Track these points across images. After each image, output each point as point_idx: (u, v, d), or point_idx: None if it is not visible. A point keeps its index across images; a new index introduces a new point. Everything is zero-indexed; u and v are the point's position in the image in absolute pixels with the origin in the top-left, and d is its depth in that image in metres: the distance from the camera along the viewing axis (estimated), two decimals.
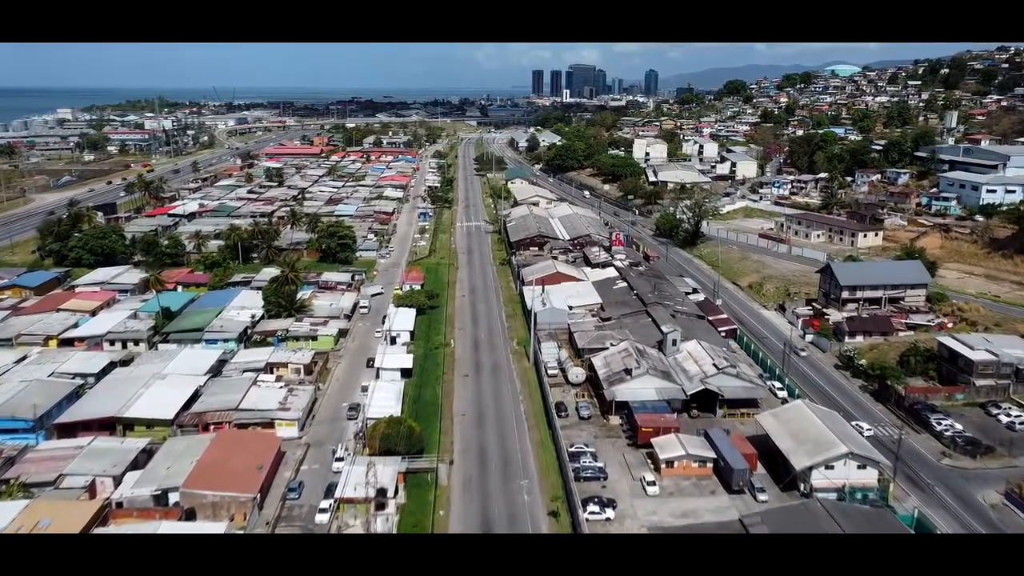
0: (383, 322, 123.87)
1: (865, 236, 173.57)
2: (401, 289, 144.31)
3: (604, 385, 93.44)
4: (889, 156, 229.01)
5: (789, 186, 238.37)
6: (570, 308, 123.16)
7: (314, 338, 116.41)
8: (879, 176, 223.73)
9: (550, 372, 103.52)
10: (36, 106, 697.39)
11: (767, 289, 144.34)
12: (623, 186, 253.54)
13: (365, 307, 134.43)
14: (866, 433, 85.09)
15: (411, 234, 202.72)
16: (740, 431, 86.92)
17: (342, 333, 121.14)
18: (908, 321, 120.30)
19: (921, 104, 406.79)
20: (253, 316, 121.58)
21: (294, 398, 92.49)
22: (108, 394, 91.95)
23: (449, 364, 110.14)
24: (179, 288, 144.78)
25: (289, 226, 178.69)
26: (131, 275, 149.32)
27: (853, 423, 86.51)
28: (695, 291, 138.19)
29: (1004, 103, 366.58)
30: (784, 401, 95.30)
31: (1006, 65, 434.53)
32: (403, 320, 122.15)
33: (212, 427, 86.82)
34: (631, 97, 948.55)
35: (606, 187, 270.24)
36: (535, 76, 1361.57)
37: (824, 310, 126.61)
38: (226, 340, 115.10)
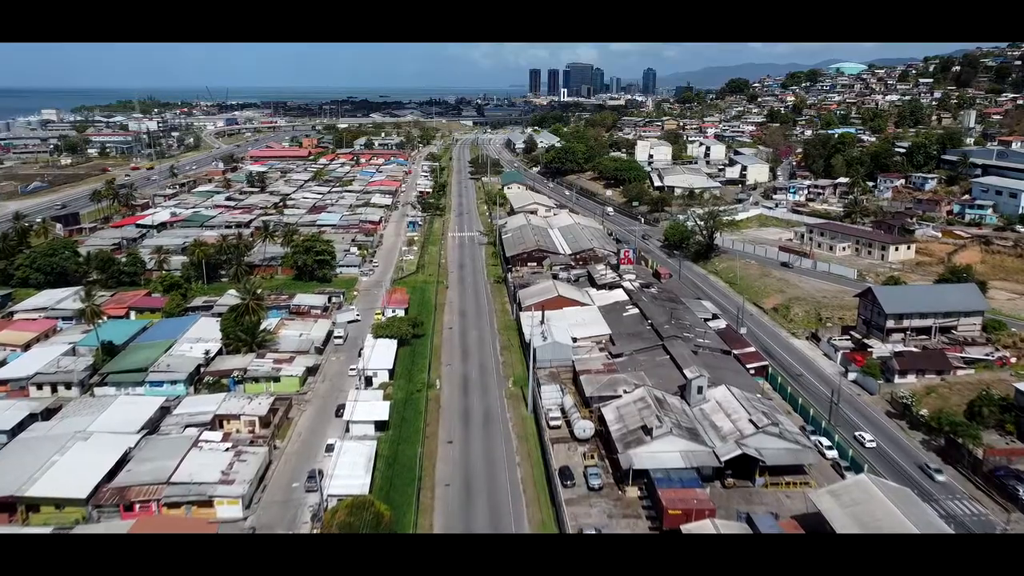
0: (359, 355, 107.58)
1: (896, 249, 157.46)
2: (383, 314, 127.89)
3: (618, 446, 77.06)
4: (914, 159, 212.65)
5: (806, 192, 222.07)
6: (574, 340, 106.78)
7: (276, 379, 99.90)
8: (903, 181, 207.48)
9: (552, 424, 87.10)
10: (29, 106, 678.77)
11: (795, 313, 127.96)
12: (627, 192, 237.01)
13: (340, 337, 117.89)
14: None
15: (398, 246, 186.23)
16: (788, 507, 70.80)
17: (311, 371, 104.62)
18: (964, 355, 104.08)
19: (934, 103, 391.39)
20: (207, 352, 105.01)
21: (241, 465, 75.97)
22: (14, 462, 75.28)
23: (433, 412, 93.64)
24: (131, 314, 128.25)
25: (262, 239, 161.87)
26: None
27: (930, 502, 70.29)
28: (715, 316, 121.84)
29: (1020, 101, 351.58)
30: (836, 465, 79.07)
31: (1019, 62, 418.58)
32: (382, 355, 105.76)
33: (137, 506, 70.40)
34: (629, 96, 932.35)
35: (608, 192, 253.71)
36: (532, 75, 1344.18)
37: (865, 341, 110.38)
38: (174, 382, 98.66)
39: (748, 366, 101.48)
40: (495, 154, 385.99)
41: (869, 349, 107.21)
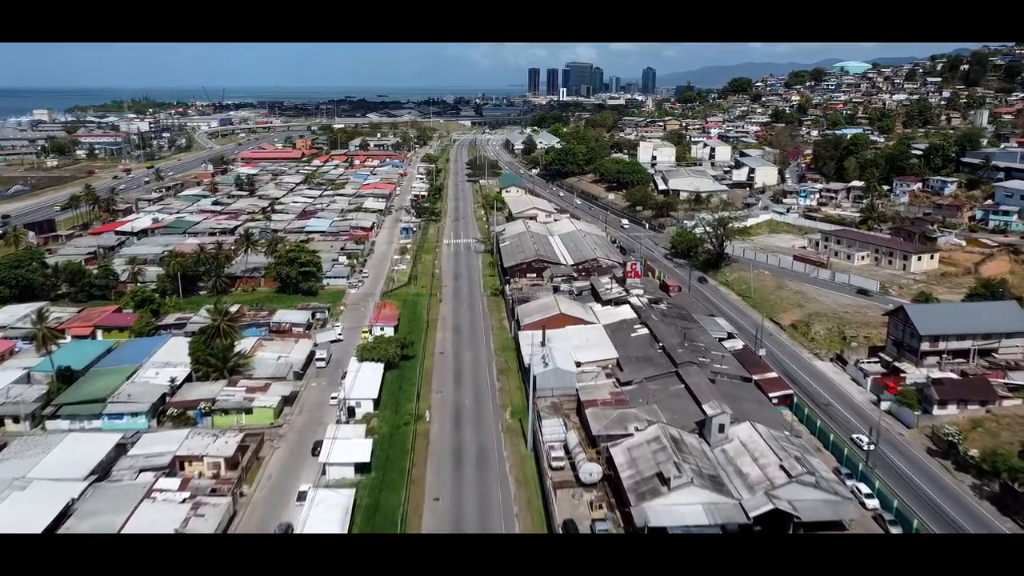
0: (342, 380, 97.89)
1: (919, 259, 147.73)
2: (370, 332, 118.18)
3: (631, 497, 67.43)
4: (931, 162, 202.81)
5: (817, 195, 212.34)
6: (578, 364, 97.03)
7: (248, 411, 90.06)
8: (920, 185, 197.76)
9: (554, 465, 77.38)
10: (28, 107, 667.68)
11: (816, 331, 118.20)
12: (630, 195, 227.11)
13: (322, 359, 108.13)
14: None
15: (390, 254, 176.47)
16: None
17: (288, 400, 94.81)
18: (1007, 381, 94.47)
19: (943, 102, 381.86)
20: (173, 380, 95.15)
21: (199, 521, 66.18)
22: None
23: (422, 450, 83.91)
24: (98, 334, 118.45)
25: (244, 249, 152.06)
26: (48, 314, 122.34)
27: None
28: (731, 336, 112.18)
29: None
30: (879, 518, 69.39)
31: None
32: (366, 382, 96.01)
33: None
34: (629, 96, 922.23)
35: (610, 196, 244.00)
36: (531, 74, 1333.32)
37: (896, 364, 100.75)
38: (135, 414, 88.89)
39: (771, 395, 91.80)
40: (493, 155, 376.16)
41: (902, 374, 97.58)
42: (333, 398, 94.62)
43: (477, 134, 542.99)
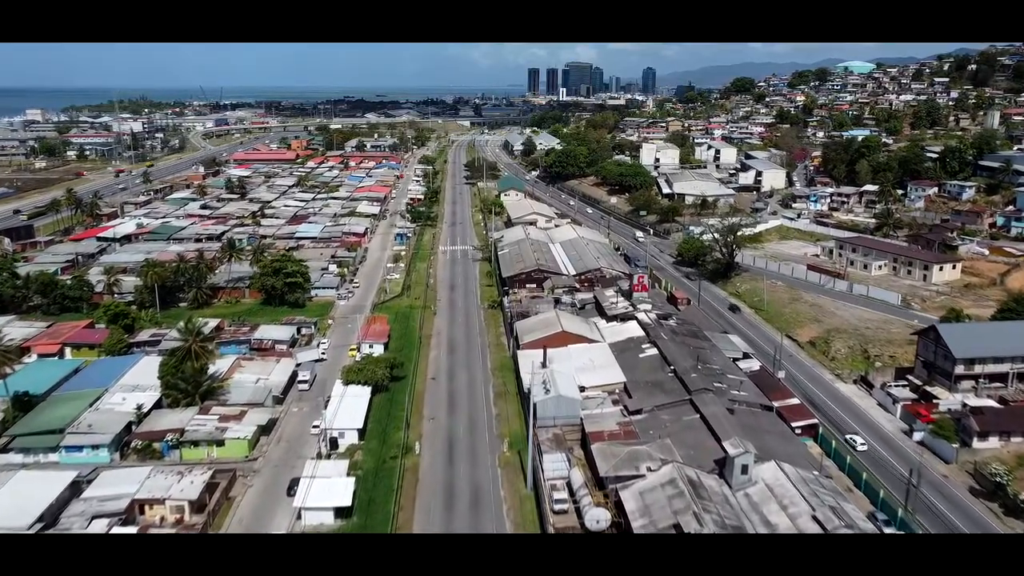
0: (325, 406, 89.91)
1: (940, 269, 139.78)
2: (358, 350, 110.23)
3: None
4: (947, 165, 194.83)
5: (828, 200, 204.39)
6: (582, 389, 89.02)
7: (220, 443, 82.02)
8: (936, 190, 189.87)
9: (557, 508, 69.37)
10: (27, 106, 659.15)
11: (837, 349, 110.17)
12: (634, 200, 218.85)
13: (305, 382, 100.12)
14: None
15: (384, 262, 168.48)
16: None
17: (265, 429, 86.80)
18: None
19: (950, 103, 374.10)
20: (140, 408, 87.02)
21: None
22: None
23: (409, 488, 75.82)
24: (67, 352, 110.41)
25: (227, 258, 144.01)
26: (14, 329, 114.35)
27: None
28: (746, 356, 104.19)
29: None
30: None
31: None
32: (351, 409, 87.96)
33: None
34: (629, 95, 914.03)
35: (613, 199, 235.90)
36: (531, 74, 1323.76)
37: (928, 389, 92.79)
38: (96, 447, 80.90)
39: (794, 424, 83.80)
40: (492, 157, 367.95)
41: (935, 400, 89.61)
42: (315, 427, 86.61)
43: (476, 135, 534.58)
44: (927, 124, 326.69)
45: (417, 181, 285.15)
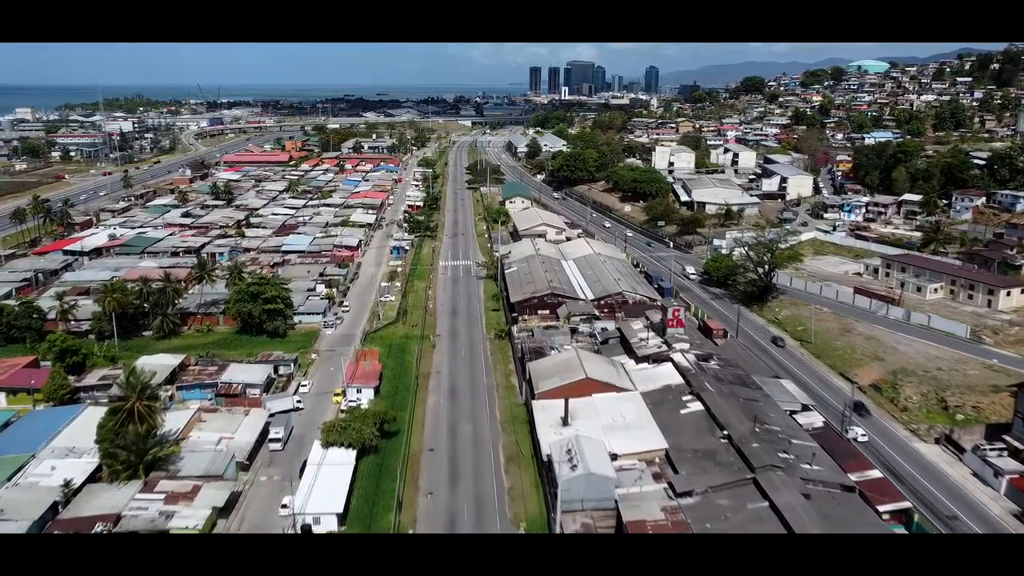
0: (300, 474, 73.50)
1: (1008, 294, 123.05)
2: (344, 394, 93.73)
3: None
4: (996, 173, 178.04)
5: (864, 210, 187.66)
6: (613, 457, 72.40)
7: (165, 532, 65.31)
8: (985, 200, 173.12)
9: None
10: (17, 104, 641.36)
11: (908, 396, 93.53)
12: (650, 208, 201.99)
13: (277, 439, 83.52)
14: None
15: (378, 280, 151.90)
16: None
17: (224, 509, 70.16)
18: None
19: (974, 103, 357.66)
20: (67, 483, 70.29)
21: None
22: None
23: None
24: (1, 398, 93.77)
25: (199, 280, 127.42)
26: None
27: None
28: (806, 408, 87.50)
29: None
30: None
31: None
32: (330, 485, 71.41)
33: None
34: (632, 95, 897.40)
35: (626, 207, 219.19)
36: (532, 73, 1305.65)
37: None
38: None
39: (881, 509, 67.17)
40: (495, 159, 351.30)
41: None
42: (284, 507, 70.03)
43: (477, 135, 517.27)
44: (951, 126, 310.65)
45: (416, 186, 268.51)
